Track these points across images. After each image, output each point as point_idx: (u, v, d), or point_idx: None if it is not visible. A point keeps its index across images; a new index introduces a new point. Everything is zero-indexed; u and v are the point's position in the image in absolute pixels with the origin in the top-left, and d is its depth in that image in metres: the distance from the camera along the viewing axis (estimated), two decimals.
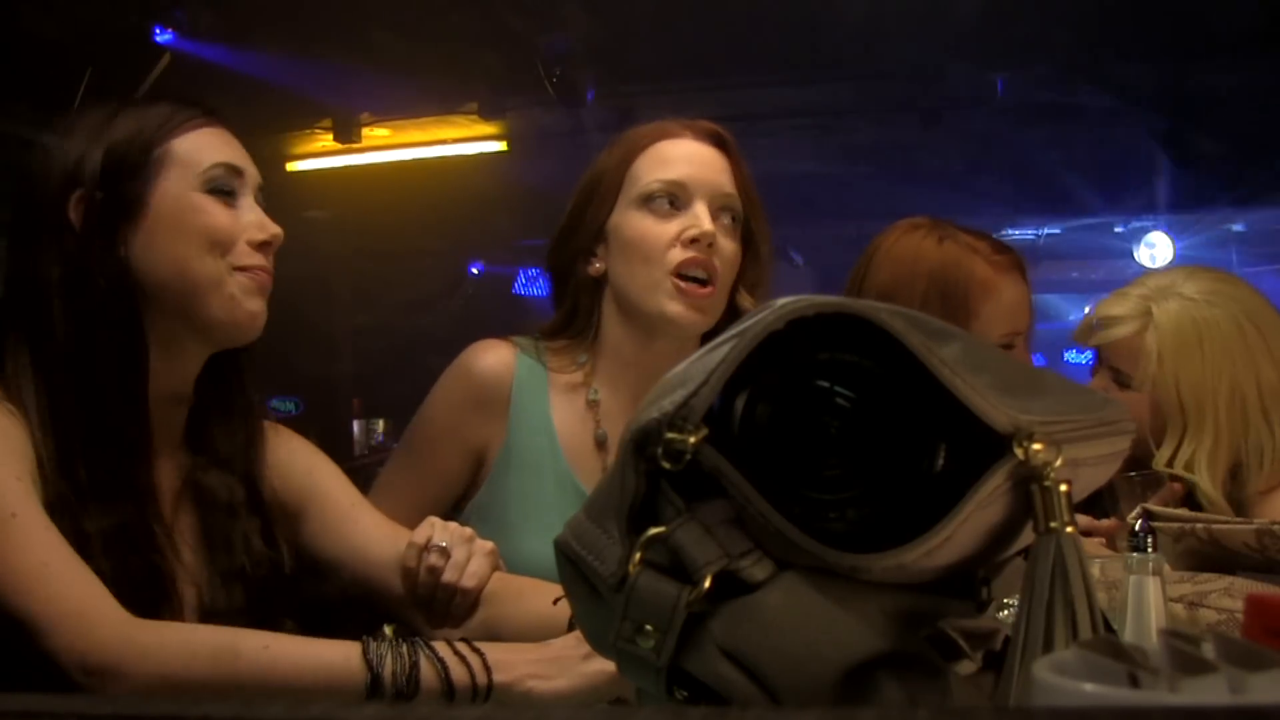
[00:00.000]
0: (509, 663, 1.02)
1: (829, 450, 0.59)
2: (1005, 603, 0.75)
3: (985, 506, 0.58)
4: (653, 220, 1.44)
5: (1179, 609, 1.02)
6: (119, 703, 0.42)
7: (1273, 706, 0.40)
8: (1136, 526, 0.98)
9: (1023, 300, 1.68)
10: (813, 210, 5.98)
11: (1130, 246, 6.97)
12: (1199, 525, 1.09)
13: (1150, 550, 0.95)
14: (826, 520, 0.58)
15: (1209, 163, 5.22)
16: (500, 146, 5.77)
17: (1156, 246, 6.82)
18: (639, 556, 0.58)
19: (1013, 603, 0.61)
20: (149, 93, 1.21)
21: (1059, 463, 0.58)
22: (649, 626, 0.58)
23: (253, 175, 1.23)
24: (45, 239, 1.15)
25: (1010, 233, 6.98)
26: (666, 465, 0.57)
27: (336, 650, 1.02)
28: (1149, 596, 0.91)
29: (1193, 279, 1.70)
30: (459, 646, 1.03)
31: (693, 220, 1.43)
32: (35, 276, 1.14)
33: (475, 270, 8.20)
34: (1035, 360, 2.09)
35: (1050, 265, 7.39)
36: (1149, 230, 6.87)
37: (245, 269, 1.18)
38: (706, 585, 0.57)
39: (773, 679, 0.56)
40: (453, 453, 1.49)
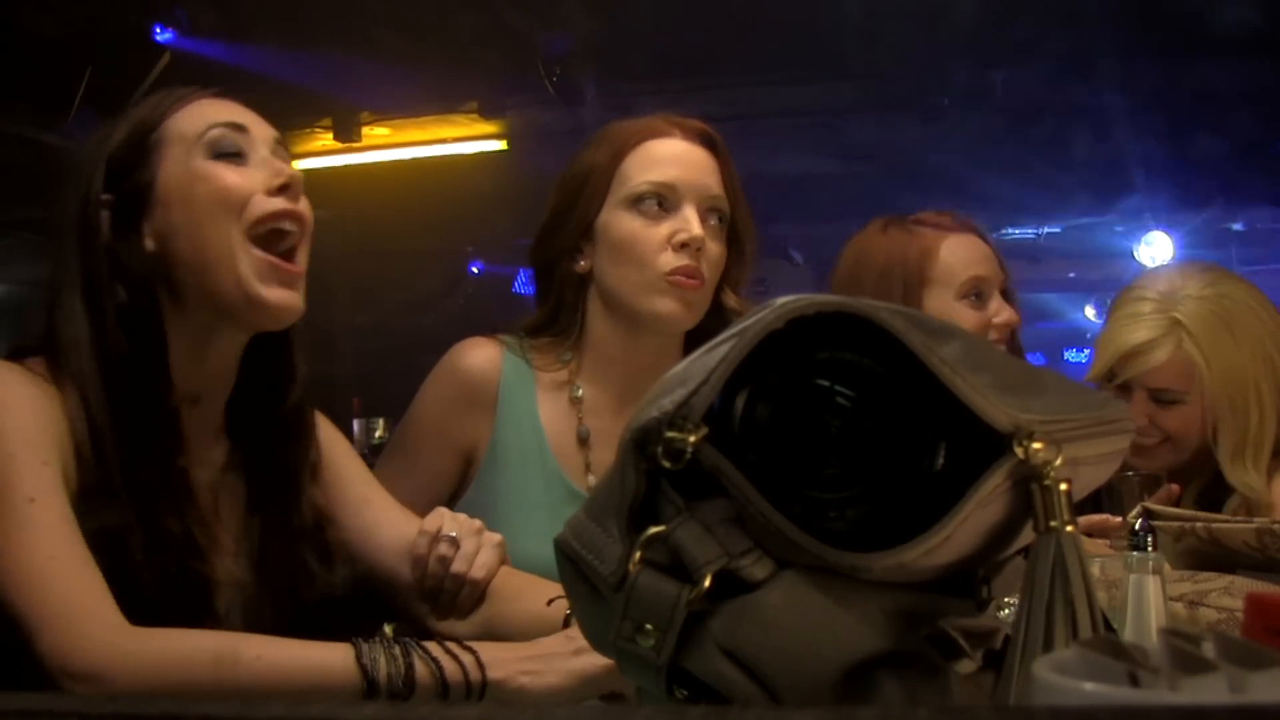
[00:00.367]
0: (501, 660, 1.02)
1: (829, 449, 0.59)
2: (1005, 602, 0.75)
3: (985, 505, 0.58)
4: (642, 222, 1.43)
5: (1179, 608, 1.02)
6: (119, 702, 0.42)
7: (1273, 706, 0.40)
8: (1136, 526, 0.99)
9: (974, 250, 1.73)
10: (813, 210, 5.98)
11: (1130, 246, 6.96)
12: (1199, 524, 1.09)
13: (1150, 549, 0.95)
14: (827, 519, 0.58)
15: (1209, 163, 5.22)
16: (500, 145, 5.76)
17: (1156, 246, 6.81)
18: (639, 555, 0.58)
19: (1013, 602, 0.61)
20: (149, 91, 1.19)
21: (1059, 462, 0.58)
22: (649, 625, 0.58)
23: (263, 131, 1.18)
24: (78, 248, 1.13)
25: (1010, 232, 6.98)
26: (667, 464, 0.57)
27: (330, 654, 1.01)
28: (1149, 595, 0.91)
29: (1189, 277, 1.72)
30: (450, 646, 1.03)
31: (682, 224, 1.42)
32: (68, 284, 1.12)
33: (475, 269, 8.19)
34: (1035, 359, 2.10)
35: (1050, 265, 7.39)
36: (1149, 230, 6.86)
37: (266, 245, 1.13)
38: (707, 584, 0.57)
39: (773, 678, 0.56)
40: (442, 451, 1.49)
